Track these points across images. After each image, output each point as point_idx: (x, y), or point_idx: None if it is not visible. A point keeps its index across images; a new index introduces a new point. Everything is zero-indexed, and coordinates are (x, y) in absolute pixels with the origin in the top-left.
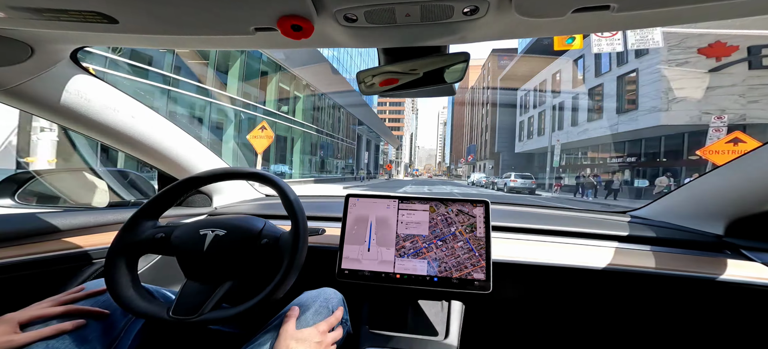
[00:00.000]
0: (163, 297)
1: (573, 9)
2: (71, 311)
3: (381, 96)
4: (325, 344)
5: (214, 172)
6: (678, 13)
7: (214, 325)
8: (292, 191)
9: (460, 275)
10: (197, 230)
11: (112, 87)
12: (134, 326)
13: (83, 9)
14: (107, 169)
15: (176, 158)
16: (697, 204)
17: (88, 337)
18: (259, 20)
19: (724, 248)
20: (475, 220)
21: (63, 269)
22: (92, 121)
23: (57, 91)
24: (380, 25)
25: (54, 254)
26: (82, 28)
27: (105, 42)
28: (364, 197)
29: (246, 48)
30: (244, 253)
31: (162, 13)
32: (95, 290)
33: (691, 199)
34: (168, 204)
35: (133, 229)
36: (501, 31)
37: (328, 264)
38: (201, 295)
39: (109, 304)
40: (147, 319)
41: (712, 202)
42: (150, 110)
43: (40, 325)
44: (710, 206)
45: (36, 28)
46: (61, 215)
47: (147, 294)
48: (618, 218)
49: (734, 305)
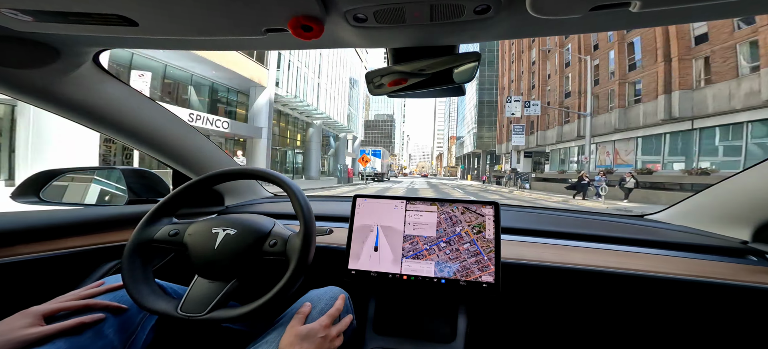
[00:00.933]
0: (175, 293)
1: (591, 6)
2: (91, 305)
3: (390, 96)
4: (329, 338)
5: (226, 172)
6: (700, 11)
7: (220, 323)
8: (300, 191)
9: (468, 278)
10: (210, 229)
11: (132, 88)
12: (149, 321)
13: (105, 12)
14: (126, 168)
15: (191, 158)
16: (721, 208)
17: (106, 331)
18: (270, 21)
19: (749, 254)
20: (484, 221)
21: (84, 264)
22: (114, 122)
23: (81, 92)
24: (389, 25)
25: (76, 250)
26: (104, 31)
27: (125, 44)
28: (371, 197)
29: (257, 49)
30: (253, 253)
31: (179, 15)
32: (114, 285)
33: (714, 203)
34: (184, 202)
35: (149, 225)
36: (513, 30)
37: (335, 264)
38: (210, 293)
39: (126, 299)
40: (157, 315)
41: (737, 206)
42: (167, 111)
43: (63, 318)
44: (736, 210)
45: (61, 32)
46: (83, 211)
47: (160, 290)
48: (633, 222)
49: (759, 312)
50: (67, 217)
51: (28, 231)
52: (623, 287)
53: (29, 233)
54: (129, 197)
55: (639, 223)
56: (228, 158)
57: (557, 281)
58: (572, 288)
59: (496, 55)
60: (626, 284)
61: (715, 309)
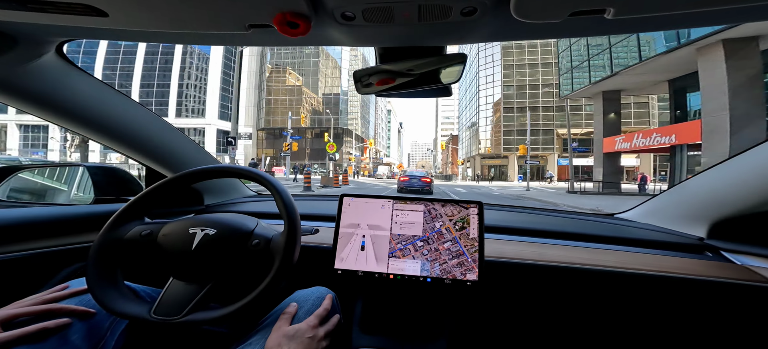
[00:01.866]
0: (148, 296)
1: (570, 12)
2: (54, 310)
3: (377, 95)
4: (317, 338)
5: (204, 170)
6: (674, 18)
7: (198, 325)
8: (285, 190)
9: (452, 276)
10: (186, 229)
11: (99, 81)
12: (119, 326)
13: (71, 1)
14: (92, 165)
15: (167, 155)
16: (681, 207)
17: (71, 337)
18: (255, 17)
19: (706, 250)
20: (468, 220)
21: (45, 267)
22: (80, 117)
23: (41, 84)
24: (378, 24)
25: (35, 251)
26: (69, 20)
27: (93, 36)
28: (358, 196)
29: (241, 44)
30: (234, 253)
31: (154, 6)
32: (79, 288)
33: (676, 202)
34: (155, 202)
35: (117, 227)
36: (497, 32)
37: (321, 264)
38: (186, 295)
39: (93, 303)
40: (128, 319)
41: (696, 205)
42: (139, 105)
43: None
44: (693, 209)
45: (18, 20)
46: (43, 211)
47: (130, 293)
48: (603, 220)
49: (715, 305)
50: (26, 216)
51: None
52: (594, 281)
53: None
54: (95, 195)
55: (609, 221)
56: (207, 155)
57: (536, 277)
58: (549, 284)
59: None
60: (597, 279)
61: (676, 302)
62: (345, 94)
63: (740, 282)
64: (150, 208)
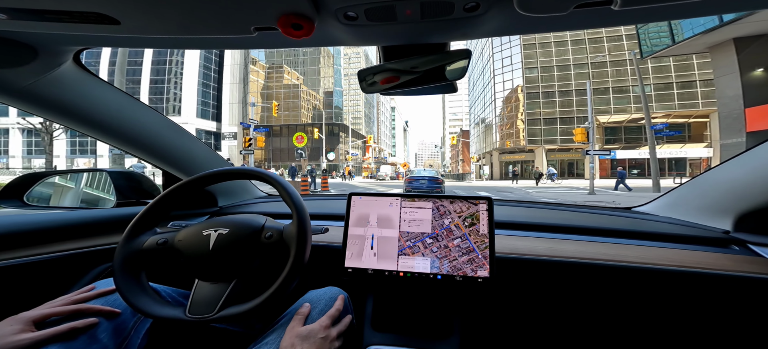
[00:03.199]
0: (169, 296)
1: (575, 4)
2: (83, 310)
3: (382, 94)
4: (330, 338)
5: (215, 173)
6: (681, 8)
7: (230, 321)
8: (292, 188)
9: (463, 273)
10: (200, 231)
11: (116, 88)
12: (143, 325)
13: (84, 10)
14: (114, 170)
15: (181, 159)
16: (704, 199)
17: (99, 335)
18: (260, 20)
19: (732, 244)
20: (477, 216)
21: (73, 268)
22: (98, 123)
23: (62, 92)
24: (381, 23)
25: (64, 254)
26: (83, 29)
27: (107, 43)
28: (366, 195)
29: (247, 48)
30: (251, 248)
31: (163, 13)
32: (105, 289)
33: (698, 194)
34: (170, 207)
35: (132, 238)
36: (501, 27)
37: (331, 263)
38: (214, 293)
39: (119, 303)
40: (166, 321)
41: (720, 197)
42: (152, 110)
43: (54, 324)
44: (717, 200)
45: (38, 30)
46: (70, 214)
47: (158, 296)
48: (620, 214)
49: (743, 301)
50: (54, 220)
51: (12, 235)
52: (614, 277)
53: (13, 237)
54: (117, 199)
55: (627, 215)
56: (219, 159)
57: (550, 273)
58: (565, 280)
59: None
60: (617, 275)
61: (701, 298)
62: (339, 87)
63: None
64: (162, 215)
